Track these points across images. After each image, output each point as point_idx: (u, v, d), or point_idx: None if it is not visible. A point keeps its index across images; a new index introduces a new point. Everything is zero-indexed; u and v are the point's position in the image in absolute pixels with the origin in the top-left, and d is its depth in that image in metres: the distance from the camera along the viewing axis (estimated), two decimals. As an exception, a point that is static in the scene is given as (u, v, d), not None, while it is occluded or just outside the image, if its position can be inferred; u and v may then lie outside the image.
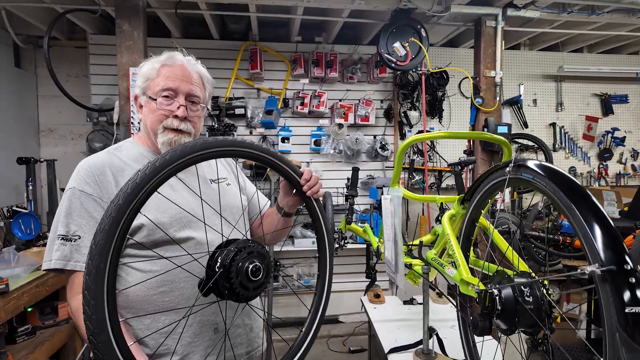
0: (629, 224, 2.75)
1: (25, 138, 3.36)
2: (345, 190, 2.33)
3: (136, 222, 1.01)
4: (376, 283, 2.32)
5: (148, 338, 1.05)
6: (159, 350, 1.05)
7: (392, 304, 2.16)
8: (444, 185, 3.71)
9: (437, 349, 1.59)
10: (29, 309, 2.36)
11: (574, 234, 2.80)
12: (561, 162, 4.02)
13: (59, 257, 0.99)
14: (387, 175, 3.75)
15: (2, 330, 1.93)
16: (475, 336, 1.30)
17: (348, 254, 3.49)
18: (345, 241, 2.05)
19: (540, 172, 0.90)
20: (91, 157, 1.07)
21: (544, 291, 0.96)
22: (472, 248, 1.34)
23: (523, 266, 1.10)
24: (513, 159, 1.01)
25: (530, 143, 3.93)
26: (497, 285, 1.00)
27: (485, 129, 2.84)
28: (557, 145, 4.07)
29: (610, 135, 4.08)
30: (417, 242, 1.64)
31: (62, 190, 2.71)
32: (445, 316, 1.96)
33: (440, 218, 1.42)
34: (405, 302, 2.15)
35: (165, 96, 1.11)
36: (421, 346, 1.61)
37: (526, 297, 0.96)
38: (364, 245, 2.63)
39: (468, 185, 1.85)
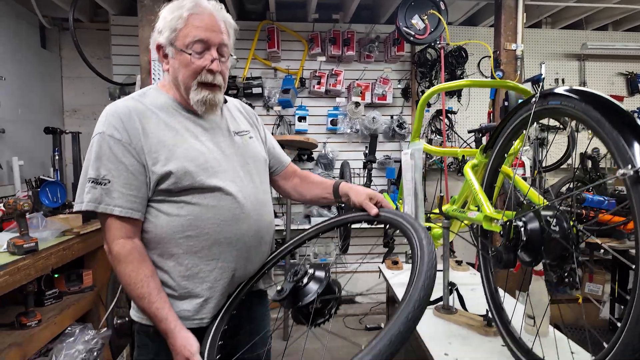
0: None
1: (50, 118, 3.47)
2: (364, 157, 2.33)
3: (164, 169, 1.04)
4: (394, 252, 2.32)
5: (171, 280, 1.08)
6: (180, 292, 1.08)
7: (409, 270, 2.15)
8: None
9: (457, 305, 1.58)
10: (56, 275, 2.44)
11: (597, 207, 2.73)
12: (584, 143, 3.92)
13: (90, 199, 1.02)
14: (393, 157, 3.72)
15: (31, 289, 2.00)
16: (497, 287, 1.28)
17: (364, 234, 3.49)
18: None
19: (567, 94, 0.89)
20: (117, 103, 1.09)
21: (572, 221, 0.95)
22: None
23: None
24: (538, 92, 1.00)
25: (552, 122, 3.84)
26: (522, 217, 0.99)
27: (506, 103, 2.79)
28: (580, 126, 3.97)
29: (636, 115, 3.95)
30: (435, 210, 1.64)
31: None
32: (463, 281, 1.95)
33: (462, 172, 1.41)
34: (408, 262, 2.13)
35: (197, 50, 1.07)
36: (441, 302, 1.61)
37: (553, 227, 0.95)
38: (380, 225, 2.63)
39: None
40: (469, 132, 2.10)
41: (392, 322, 0.73)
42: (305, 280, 0.98)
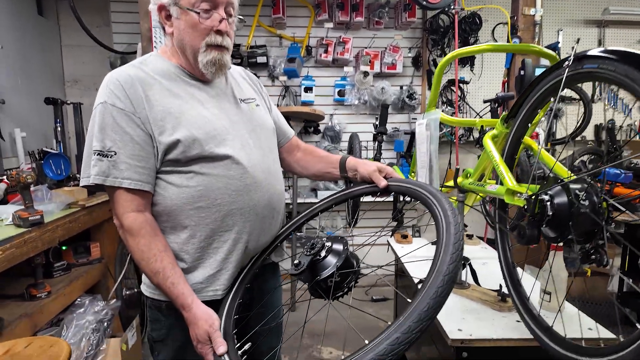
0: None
1: (51, 88, 3.38)
2: (374, 129, 2.26)
3: (172, 138, 0.99)
4: (402, 227, 2.29)
5: (183, 252, 1.05)
6: (193, 264, 1.05)
7: (420, 244, 2.12)
8: (473, 138, 3.57)
9: (469, 280, 1.55)
10: (64, 248, 2.44)
11: (613, 180, 2.66)
12: (599, 114, 3.79)
13: (97, 172, 0.97)
14: (412, 128, 3.63)
15: (40, 261, 2.00)
16: (515, 262, 1.24)
17: (371, 207, 3.45)
18: None
19: (606, 56, 0.80)
20: (118, 71, 1.03)
21: (602, 196, 0.89)
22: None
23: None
24: (572, 54, 0.91)
25: (568, 93, 3.70)
26: (549, 191, 0.94)
27: (522, 72, 2.66)
28: (595, 97, 3.83)
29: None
30: (448, 183, 1.58)
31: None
32: (475, 255, 1.91)
33: (480, 143, 1.34)
34: (433, 243, 2.10)
35: (205, 8, 1.01)
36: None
37: (581, 202, 0.89)
38: (389, 199, 2.58)
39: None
40: (485, 102, 2.01)
41: (420, 298, 0.69)
42: (323, 253, 0.94)
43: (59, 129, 2.44)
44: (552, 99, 1.04)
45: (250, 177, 1.07)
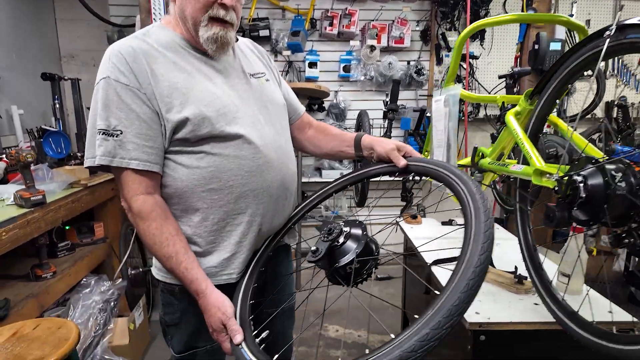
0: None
1: (47, 64, 3.27)
2: (384, 106, 2.18)
3: (180, 115, 0.92)
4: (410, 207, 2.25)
5: (196, 236, 1.01)
6: (207, 247, 1.01)
7: (430, 224, 2.09)
8: (480, 115, 3.48)
9: (484, 262, 1.52)
10: (67, 227, 2.41)
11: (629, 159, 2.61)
12: (610, 91, 3.69)
13: (103, 152, 0.91)
14: (419, 105, 3.54)
15: (43, 242, 1.96)
16: (535, 243, 1.20)
17: (376, 187, 3.41)
18: None
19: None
20: (120, 43, 0.95)
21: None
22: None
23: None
24: (614, 22, 0.84)
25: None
26: (582, 172, 0.88)
27: (536, 46, 2.57)
28: (608, 73, 3.72)
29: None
30: (461, 162, 1.52)
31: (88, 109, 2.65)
32: (487, 236, 1.88)
33: (502, 119, 1.28)
34: (443, 223, 2.07)
35: None
36: (467, 259, 1.55)
37: (618, 184, 0.84)
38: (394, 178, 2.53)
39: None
40: (500, 77, 1.93)
41: (450, 291, 0.65)
42: (341, 239, 0.90)
43: (57, 106, 2.35)
44: (585, 73, 0.97)
45: (263, 157, 1.02)
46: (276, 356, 0.82)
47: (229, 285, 1.03)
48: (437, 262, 1.57)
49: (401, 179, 1.13)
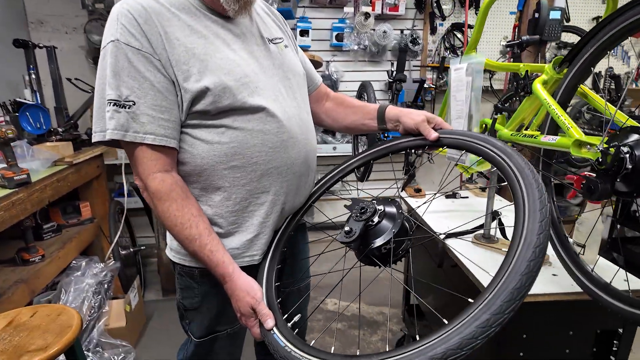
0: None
1: (14, 31, 2.98)
2: (389, 77, 2.10)
3: (199, 85, 0.82)
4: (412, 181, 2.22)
5: (217, 217, 0.93)
6: (229, 228, 0.95)
7: (435, 198, 2.07)
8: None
9: (497, 234, 1.51)
10: (50, 208, 2.27)
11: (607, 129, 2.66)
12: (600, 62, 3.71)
13: (114, 126, 0.81)
14: (412, 76, 3.46)
15: (29, 224, 1.84)
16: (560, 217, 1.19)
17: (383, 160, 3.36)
18: None
19: None
20: (127, 2, 0.83)
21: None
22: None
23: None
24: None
25: (570, 40, 3.59)
26: (628, 142, 0.85)
27: (537, 14, 2.51)
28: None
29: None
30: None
31: (69, 81, 2.45)
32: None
33: (527, 89, 1.23)
34: (447, 197, 2.05)
35: None
36: (481, 231, 1.54)
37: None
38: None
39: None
40: (507, 46, 1.87)
41: (509, 273, 0.60)
42: (375, 219, 0.85)
43: (33, 76, 2.15)
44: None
45: (287, 132, 0.94)
46: (313, 342, 0.78)
47: (251, 267, 0.97)
48: (450, 235, 1.56)
49: (420, 152, 1.08)
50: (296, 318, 0.87)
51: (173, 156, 0.88)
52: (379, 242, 0.84)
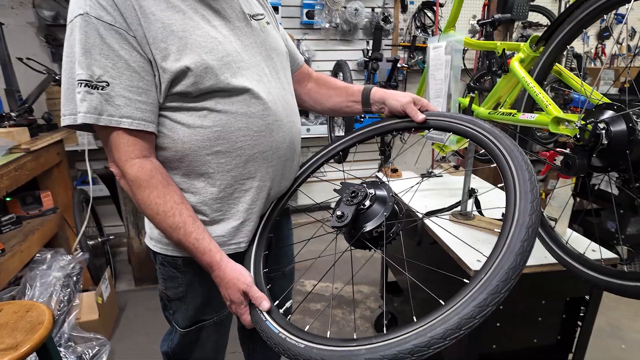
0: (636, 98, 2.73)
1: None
2: (364, 56, 2.06)
3: (179, 64, 0.76)
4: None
5: (201, 204, 0.89)
6: (213, 216, 0.91)
7: (410, 177, 2.10)
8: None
9: (474, 212, 1.55)
10: (8, 199, 2.12)
11: (582, 107, 2.77)
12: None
13: (87, 109, 0.75)
14: (384, 55, 3.44)
15: (-15, 217, 1.71)
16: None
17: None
18: None
19: None
20: None
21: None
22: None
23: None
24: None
25: (535, 20, 3.68)
26: (604, 119, 0.88)
27: (506, -8, 2.54)
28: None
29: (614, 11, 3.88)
30: None
31: (20, 60, 2.25)
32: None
33: (504, 68, 1.24)
34: (422, 176, 2.09)
35: None
36: (458, 208, 1.58)
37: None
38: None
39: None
40: (480, 24, 1.89)
41: (504, 253, 0.61)
42: (367, 202, 0.84)
43: (-22, 55, 1.96)
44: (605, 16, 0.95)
45: (272, 114, 0.90)
46: (307, 327, 0.77)
47: (238, 254, 0.94)
48: (430, 214, 1.59)
49: (408, 135, 1.08)
50: (288, 304, 0.86)
51: (151, 141, 0.83)
52: (370, 225, 0.83)
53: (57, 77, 2.22)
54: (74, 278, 2.06)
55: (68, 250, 2.23)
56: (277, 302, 0.85)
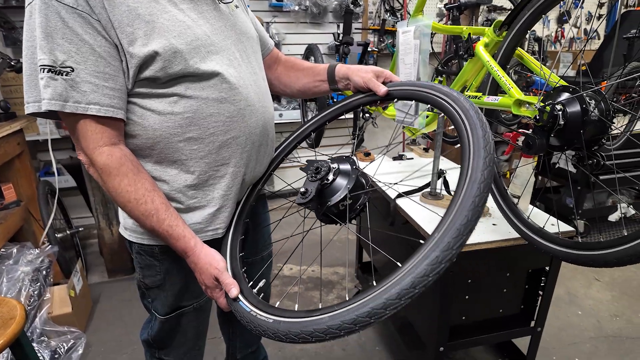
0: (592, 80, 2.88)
1: None
2: (335, 40, 2.06)
3: (147, 49, 0.75)
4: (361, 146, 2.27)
5: (176, 192, 0.89)
6: (189, 203, 0.91)
7: (382, 160, 2.14)
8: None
9: (443, 192, 1.62)
10: (-34, 193, 2.02)
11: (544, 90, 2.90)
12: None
13: (52, 95, 0.73)
14: (355, 39, 3.45)
15: (-58, 212, 1.62)
16: (501, 173, 1.30)
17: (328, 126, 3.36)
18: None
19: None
20: None
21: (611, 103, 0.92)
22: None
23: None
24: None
25: (499, 4, 3.77)
26: (561, 101, 0.94)
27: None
28: (521, 7, 3.96)
29: (572, -5, 4.04)
30: None
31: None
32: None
33: (470, 52, 1.29)
34: (394, 159, 2.14)
35: None
36: (428, 189, 1.64)
37: (592, 109, 0.91)
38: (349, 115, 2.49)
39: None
40: (447, 8, 1.93)
41: (456, 211, 0.62)
42: (330, 177, 0.85)
43: None
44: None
45: (244, 99, 0.90)
46: (278, 302, 0.79)
47: (215, 240, 0.95)
48: (400, 195, 1.64)
49: (372, 112, 1.09)
50: (261, 283, 0.88)
51: (120, 128, 0.81)
52: (335, 199, 0.84)
53: (12, 63, 2.10)
54: (44, 272, 2.00)
55: (35, 244, 2.16)
56: (250, 282, 0.87)
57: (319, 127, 1.10)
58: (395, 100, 0.97)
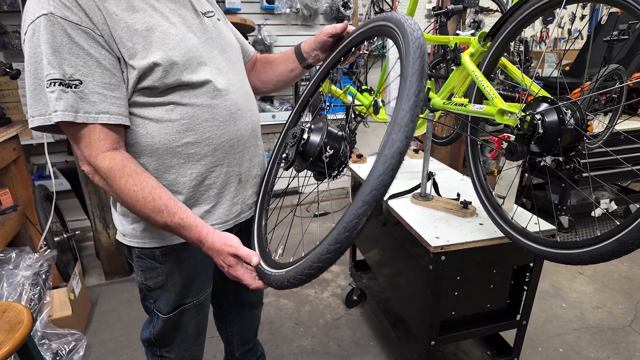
0: (575, 80, 2.98)
1: None
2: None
3: (147, 61, 0.82)
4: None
5: (174, 193, 0.95)
6: (186, 203, 0.97)
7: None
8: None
9: (432, 192, 1.69)
10: (-37, 199, 2.03)
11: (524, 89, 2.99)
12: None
13: (64, 107, 0.77)
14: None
15: (-57, 220, 1.64)
16: (484, 172, 1.37)
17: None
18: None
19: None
20: None
21: (583, 113, 0.99)
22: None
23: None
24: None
25: (485, 5, 3.86)
26: (539, 111, 1.01)
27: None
28: (507, 7, 4.05)
29: (556, -3, 4.12)
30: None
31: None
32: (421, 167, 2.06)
33: (457, 61, 1.35)
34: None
35: None
36: (418, 190, 1.70)
37: (568, 119, 0.98)
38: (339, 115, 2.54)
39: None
40: (435, 14, 1.99)
41: (384, 155, 0.62)
42: (305, 136, 0.90)
43: None
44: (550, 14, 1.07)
45: (234, 104, 0.98)
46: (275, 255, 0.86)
47: None
48: (392, 197, 1.71)
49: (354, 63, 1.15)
50: (280, 251, 0.96)
51: (122, 133, 0.86)
52: (314, 151, 0.88)
53: (7, 69, 2.11)
54: (43, 276, 2.03)
55: (33, 248, 2.18)
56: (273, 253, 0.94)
57: (305, 106, 1.18)
58: (360, 44, 1.00)
